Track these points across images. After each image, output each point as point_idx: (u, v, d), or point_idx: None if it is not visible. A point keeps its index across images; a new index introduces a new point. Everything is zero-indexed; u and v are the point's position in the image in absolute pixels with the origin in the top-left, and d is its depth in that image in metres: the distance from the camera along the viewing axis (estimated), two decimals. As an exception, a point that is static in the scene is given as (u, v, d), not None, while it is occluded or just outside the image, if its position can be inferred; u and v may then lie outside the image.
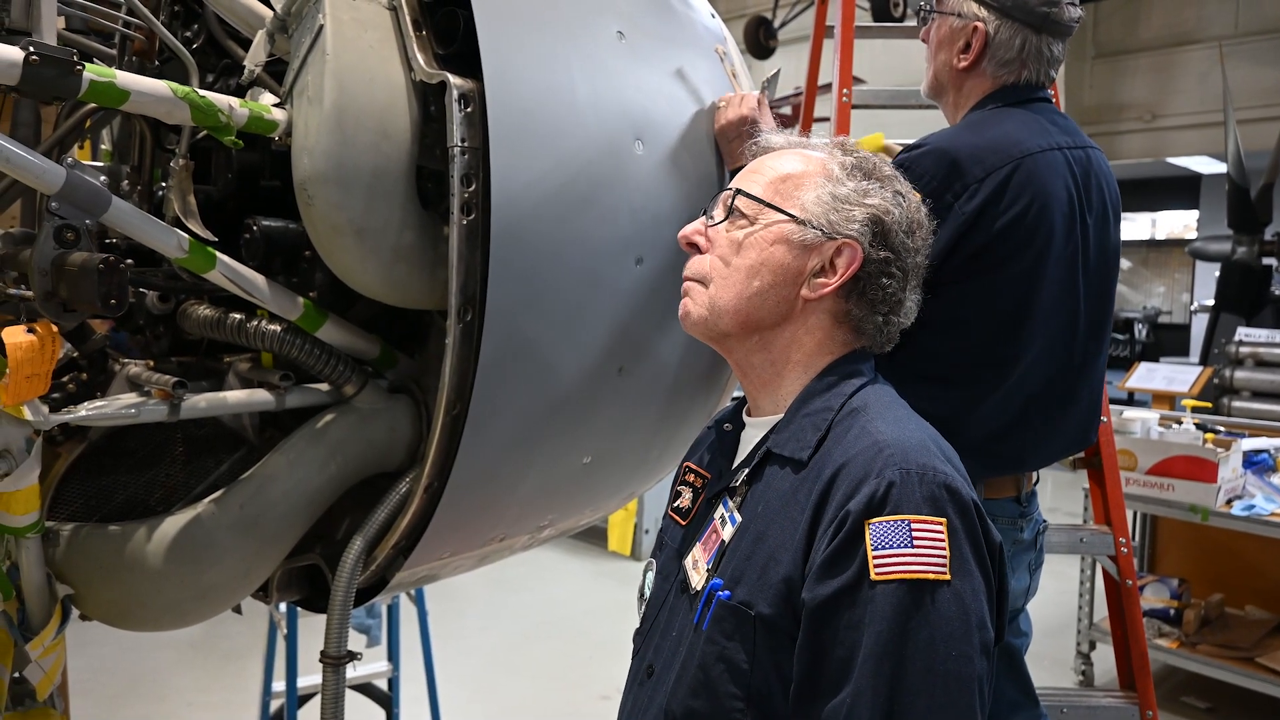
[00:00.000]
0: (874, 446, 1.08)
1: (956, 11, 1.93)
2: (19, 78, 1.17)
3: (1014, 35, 1.88)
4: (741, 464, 1.24)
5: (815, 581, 1.03)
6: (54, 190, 1.26)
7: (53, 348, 1.31)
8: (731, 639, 1.08)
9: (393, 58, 1.49)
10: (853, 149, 1.29)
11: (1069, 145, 1.90)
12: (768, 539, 1.11)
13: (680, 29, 1.88)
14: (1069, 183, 1.86)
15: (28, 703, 1.56)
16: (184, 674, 4.59)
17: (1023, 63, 1.91)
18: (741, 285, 1.21)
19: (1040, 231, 1.79)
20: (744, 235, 1.22)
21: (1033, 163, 1.80)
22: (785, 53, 12.45)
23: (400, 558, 1.62)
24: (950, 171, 1.76)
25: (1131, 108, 13.29)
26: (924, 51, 2.05)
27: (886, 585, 0.99)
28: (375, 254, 1.49)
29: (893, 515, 1.02)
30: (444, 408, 1.48)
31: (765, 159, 1.30)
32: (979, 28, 1.90)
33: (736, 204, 1.24)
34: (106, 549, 1.52)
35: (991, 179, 1.76)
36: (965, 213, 1.75)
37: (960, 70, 1.95)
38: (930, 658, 0.98)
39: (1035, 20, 1.88)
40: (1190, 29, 12.94)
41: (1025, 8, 1.87)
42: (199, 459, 1.78)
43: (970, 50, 1.92)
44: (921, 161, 1.78)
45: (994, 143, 1.81)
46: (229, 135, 1.41)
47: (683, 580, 1.22)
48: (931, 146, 1.81)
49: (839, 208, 1.20)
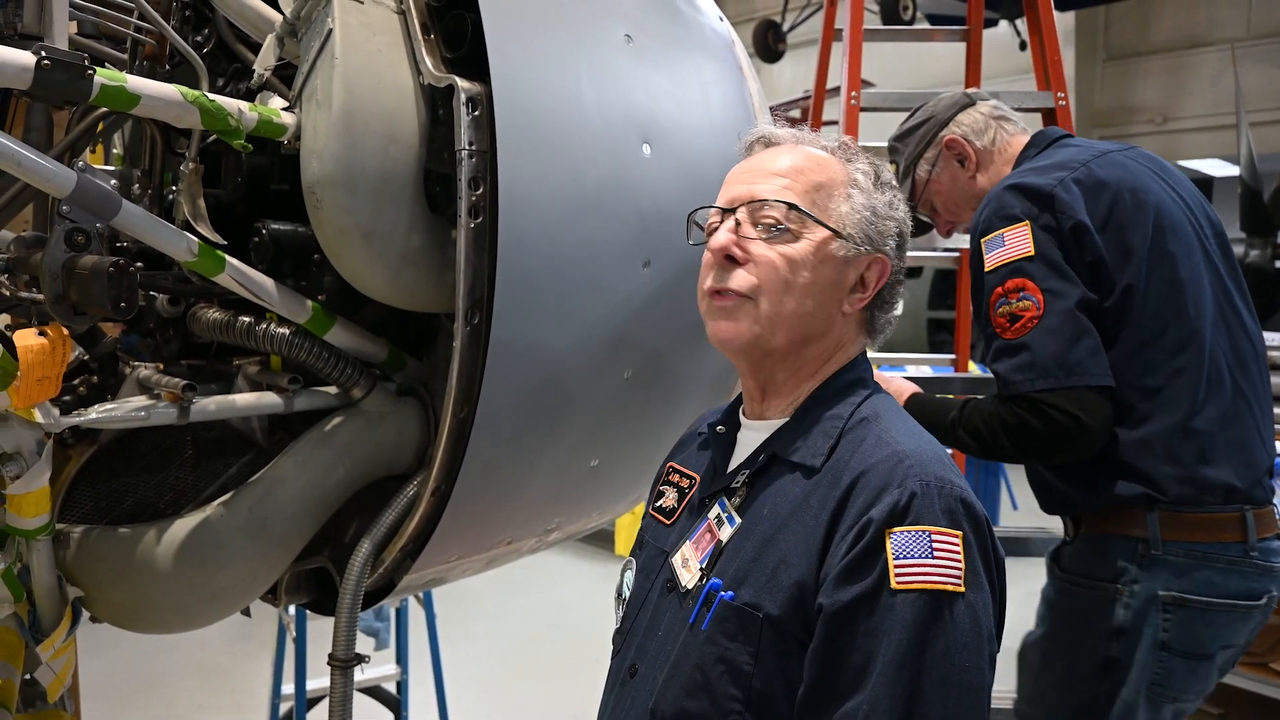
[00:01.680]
0: (894, 456, 1.08)
1: (930, 165, 2.12)
2: (31, 82, 1.18)
3: (967, 115, 2.10)
4: (741, 466, 1.23)
5: (834, 587, 1.03)
6: (65, 194, 1.26)
7: (63, 351, 1.32)
8: (734, 640, 1.08)
9: (401, 61, 1.50)
10: (854, 151, 1.27)
11: (1119, 149, 1.97)
12: (778, 542, 1.10)
13: (688, 32, 1.88)
14: (1142, 170, 1.90)
15: (39, 705, 1.57)
16: (193, 676, 4.61)
17: (998, 121, 2.09)
18: (798, 304, 1.17)
19: (1143, 211, 1.82)
20: (793, 250, 1.17)
21: (1097, 163, 1.87)
22: (794, 56, 12.44)
23: (408, 560, 1.62)
24: (1030, 197, 1.82)
25: (1143, 110, 13.22)
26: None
27: (907, 594, 1.00)
28: (383, 257, 1.49)
29: (913, 526, 1.02)
30: (451, 410, 1.48)
31: (778, 157, 1.23)
32: (951, 139, 2.09)
33: (779, 216, 1.18)
34: (116, 551, 1.52)
35: (1064, 186, 1.82)
36: (1061, 230, 1.79)
37: (975, 179, 2.08)
38: (946, 668, 0.99)
39: (962, 102, 2.13)
40: (1202, 31, 12.87)
41: (947, 104, 2.12)
42: (208, 462, 1.79)
43: (966, 158, 2.09)
44: (1000, 203, 1.86)
45: (1053, 164, 1.90)
46: (238, 139, 1.41)
47: (669, 579, 1.21)
48: (998, 191, 1.89)
49: (877, 223, 1.20)
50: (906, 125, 2.17)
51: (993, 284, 1.84)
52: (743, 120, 1.90)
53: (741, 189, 1.22)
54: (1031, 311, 1.78)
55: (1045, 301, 1.77)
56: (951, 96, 2.15)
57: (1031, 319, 1.77)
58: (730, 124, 1.82)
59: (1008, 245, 1.83)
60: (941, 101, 2.15)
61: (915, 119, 2.16)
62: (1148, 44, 13.22)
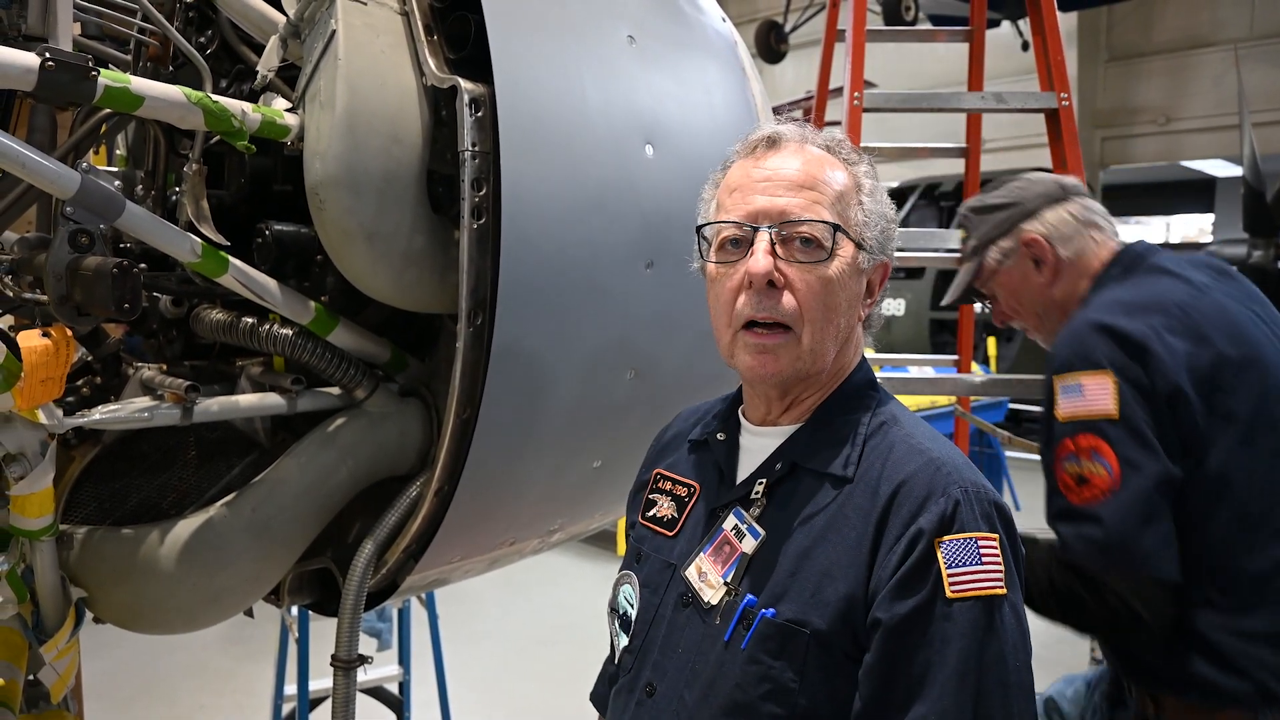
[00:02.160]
0: (931, 464, 1.08)
1: (1002, 257, 1.90)
2: (35, 83, 1.18)
3: (1057, 213, 1.86)
4: (756, 475, 1.18)
5: (890, 600, 1.02)
6: (69, 195, 1.26)
7: (67, 352, 1.32)
8: (778, 658, 1.05)
9: (404, 62, 1.50)
10: (853, 149, 1.21)
11: (1214, 280, 1.77)
12: (817, 555, 1.08)
13: (691, 33, 1.88)
14: (1244, 314, 1.71)
15: (42, 705, 1.57)
16: (196, 677, 4.61)
17: (1087, 226, 1.86)
18: (834, 325, 1.12)
19: (1251, 372, 1.63)
20: (829, 271, 1.11)
21: (1196, 307, 1.67)
22: (796, 57, 12.44)
23: (411, 561, 1.62)
24: (1121, 345, 1.62)
25: (1146, 111, 13.21)
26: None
27: (963, 603, 1.01)
28: (386, 258, 1.49)
29: (960, 534, 1.03)
30: (454, 411, 1.48)
31: (795, 164, 1.14)
32: (1029, 238, 1.87)
33: (815, 235, 1.10)
34: (120, 552, 1.53)
35: (1160, 338, 1.62)
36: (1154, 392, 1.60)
37: (1049, 287, 1.87)
38: (1003, 671, 1.01)
39: (1054, 194, 1.88)
40: (1205, 32, 12.86)
41: (1039, 195, 1.88)
42: (211, 462, 1.79)
43: (1043, 261, 1.87)
44: (1085, 343, 1.66)
45: (1146, 302, 1.68)
46: (242, 140, 1.42)
47: (684, 594, 1.17)
48: (1080, 325, 1.69)
49: (886, 228, 1.17)
50: (988, 202, 1.94)
51: (1063, 434, 1.65)
52: (745, 121, 1.90)
53: (765, 202, 1.11)
54: (1104, 481, 1.59)
55: (1121, 473, 1.58)
56: (1044, 185, 1.90)
57: (1103, 490, 1.59)
58: (733, 125, 1.82)
59: (1086, 397, 1.63)
60: (1032, 187, 1.90)
61: (1000, 197, 1.93)
62: (1150, 44, 13.21)
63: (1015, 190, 1.92)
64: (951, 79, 11.82)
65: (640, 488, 1.36)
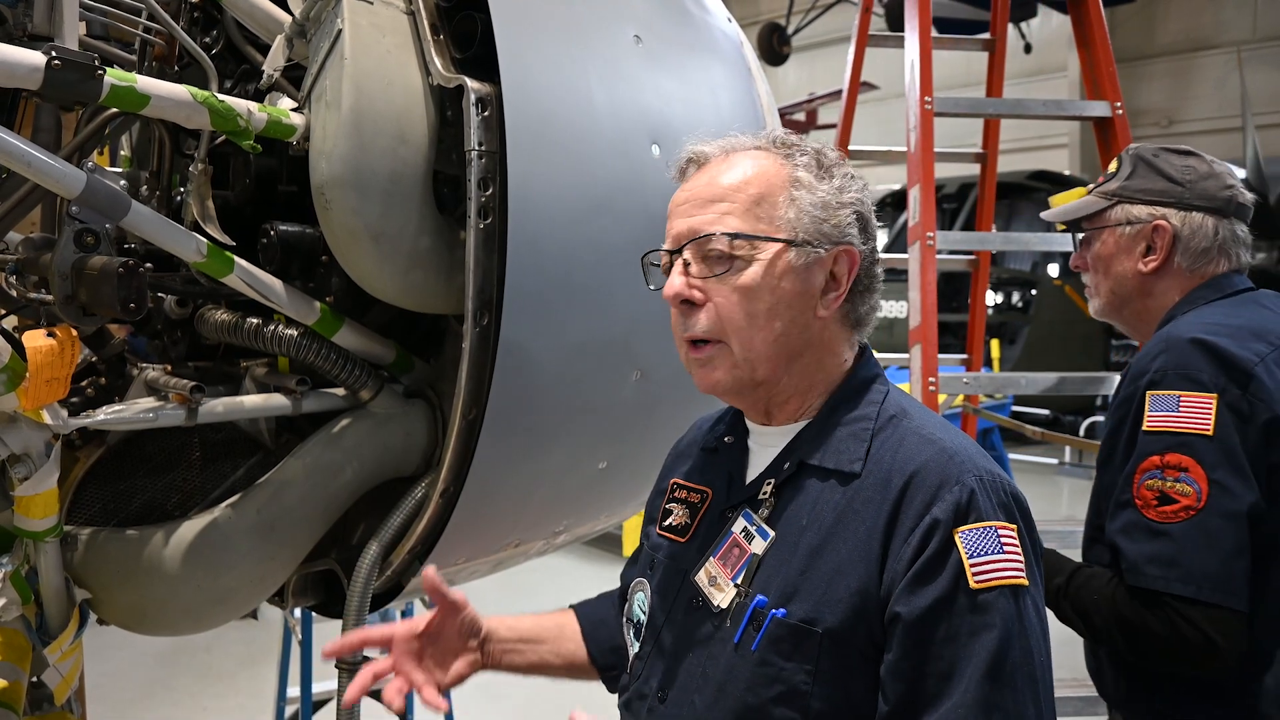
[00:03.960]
0: (943, 454, 1.06)
1: (1126, 220, 1.77)
2: (42, 82, 1.18)
3: (1203, 223, 1.74)
4: (763, 475, 1.17)
5: (908, 593, 1.00)
6: (74, 195, 1.26)
7: (72, 352, 1.32)
8: (790, 659, 1.04)
9: (410, 62, 1.50)
10: (788, 141, 1.18)
11: None
12: (827, 552, 1.06)
13: (697, 33, 1.88)
14: None
15: (45, 707, 1.56)
16: (199, 679, 4.60)
17: (1221, 249, 1.74)
18: (765, 330, 1.11)
19: None
20: (746, 279, 1.10)
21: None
22: (798, 59, 12.46)
23: (416, 563, 1.62)
24: (1220, 362, 1.55)
25: (1148, 113, 13.22)
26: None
27: (989, 593, 0.98)
28: (392, 258, 1.49)
29: (979, 523, 1.01)
30: (460, 412, 1.48)
31: (714, 178, 1.15)
32: (1162, 225, 1.74)
33: (725, 249, 1.11)
34: (124, 553, 1.52)
35: (1266, 367, 1.55)
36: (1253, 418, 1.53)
37: (1148, 274, 1.76)
38: (1030, 664, 0.99)
39: (1219, 205, 1.74)
40: (1207, 34, 12.87)
41: (1208, 195, 1.74)
42: (216, 463, 1.79)
43: (1156, 250, 1.75)
44: (1185, 357, 1.58)
45: (1242, 328, 1.61)
46: (247, 140, 1.41)
47: (694, 599, 1.15)
48: (1179, 339, 1.61)
49: (827, 216, 1.12)
50: (1162, 165, 1.79)
51: (1149, 449, 1.56)
52: (751, 121, 1.90)
53: (683, 224, 1.14)
54: (1189, 500, 1.51)
55: (1210, 495, 1.50)
56: (1220, 189, 1.75)
57: (1187, 509, 1.51)
58: (739, 125, 1.81)
59: (1182, 412, 1.55)
60: (1208, 184, 1.75)
61: (1176, 168, 1.78)
62: (1153, 47, 13.23)
63: (1196, 172, 1.77)
64: (957, 81, 11.83)
65: (658, 495, 1.35)
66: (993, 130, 4.01)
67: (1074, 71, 12.60)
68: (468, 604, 1.32)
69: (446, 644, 1.32)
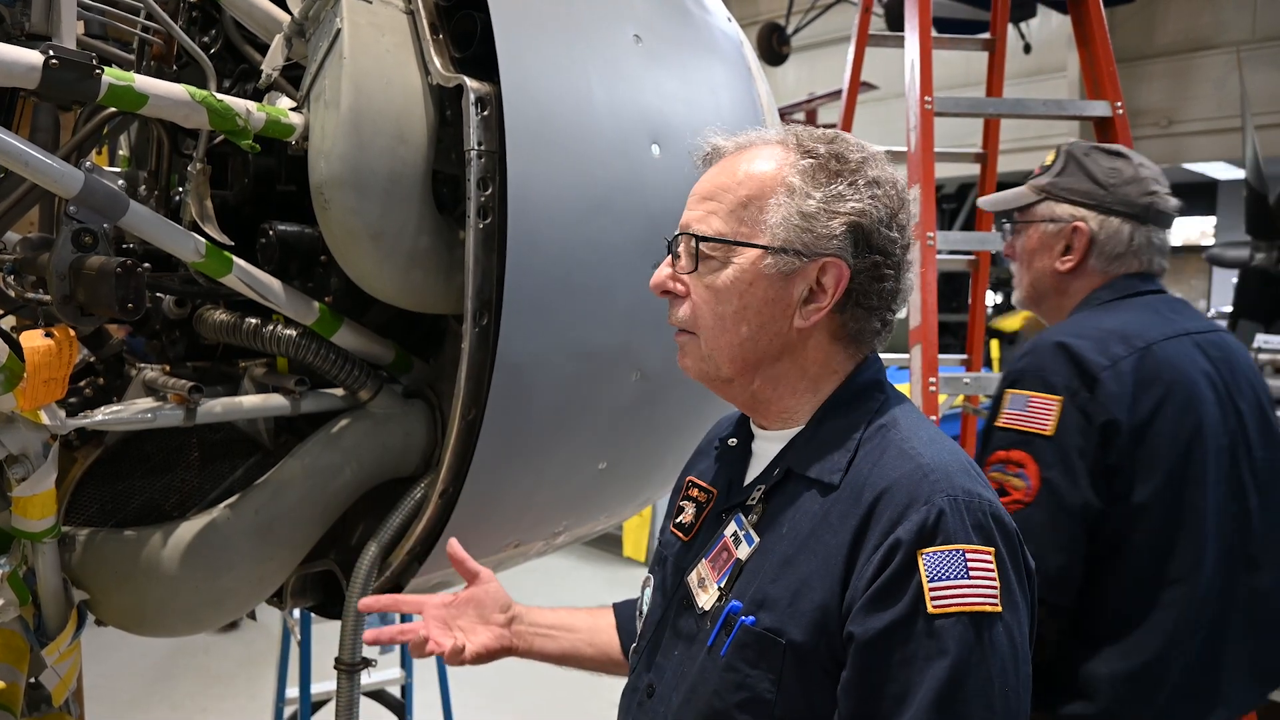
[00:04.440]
0: (917, 471, 1.02)
1: (1049, 217, 1.84)
2: (39, 81, 1.17)
3: (1119, 228, 1.80)
4: (756, 480, 1.17)
5: (865, 614, 0.98)
6: (72, 194, 1.26)
7: (70, 352, 1.31)
8: (755, 667, 1.03)
9: (409, 61, 1.49)
10: (811, 140, 1.13)
11: (1198, 330, 1.76)
12: (798, 563, 1.05)
13: (697, 33, 1.87)
14: (1207, 369, 1.71)
15: (43, 708, 1.56)
16: (198, 680, 4.60)
17: (1134, 254, 1.80)
18: (731, 333, 1.11)
19: (1186, 425, 1.64)
20: (719, 280, 1.11)
21: (1160, 350, 1.67)
22: (798, 59, 12.45)
23: (415, 564, 1.62)
24: (1074, 366, 1.64)
25: (1148, 113, 13.22)
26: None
27: (946, 619, 0.95)
28: (391, 258, 1.48)
29: (945, 545, 0.97)
30: (459, 413, 1.47)
31: (716, 174, 1.16)
32: (1080, 227, 1.81)
33: (701, 248, 1.12)
34: (122, 554, 1.52)
35: (1117, 369, 1.63)
36: (1092, 421, 1.61)
37: (1063, 273, 1.84)
38: (989, 695, 0.95)
39: (1137, 211, 1.79)
40: (1207, 34, 12.87)
41: (1127, 201, 1.79)
42: (214, 464, 1.78)
43: (1073, 251, 1.82)
44: (1044, 361, 1.67)
45: (1112, 332, 1.69)
46: (246, 139, 1.41)
47: (685, 597, 1.17)
48: (1047, 342, 1.70)
49: (811, 225, 1.08)
50: (1091, 167, 1.84)
51: (998, 443, 1.69)
52: (752, 121, 1.90)
53: (684, 216, 1.17)
54: (1019, 495, 1.62)
55: (1039, 492, 1.60)
56: (1139, 194, 1.80)
57: (1017, 502, 1.61)
58: (740, 124, 1.80)
59: (1029, 412, 1.65)
60: (1129, 189, 1.81)
61: (1104, 171, 1.82)
62: (1152, 47, 13.22)
63: (1121, 176, 1.83)
64: (957, 81, 11.82)
65: (676, 491, 1.36)
66: (993, 130, 4.00)
67: (1074, 71, 12.60)
68: (493, 578, 1.37)
69: (475, 615, 1.35)
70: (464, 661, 1.27)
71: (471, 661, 1.29)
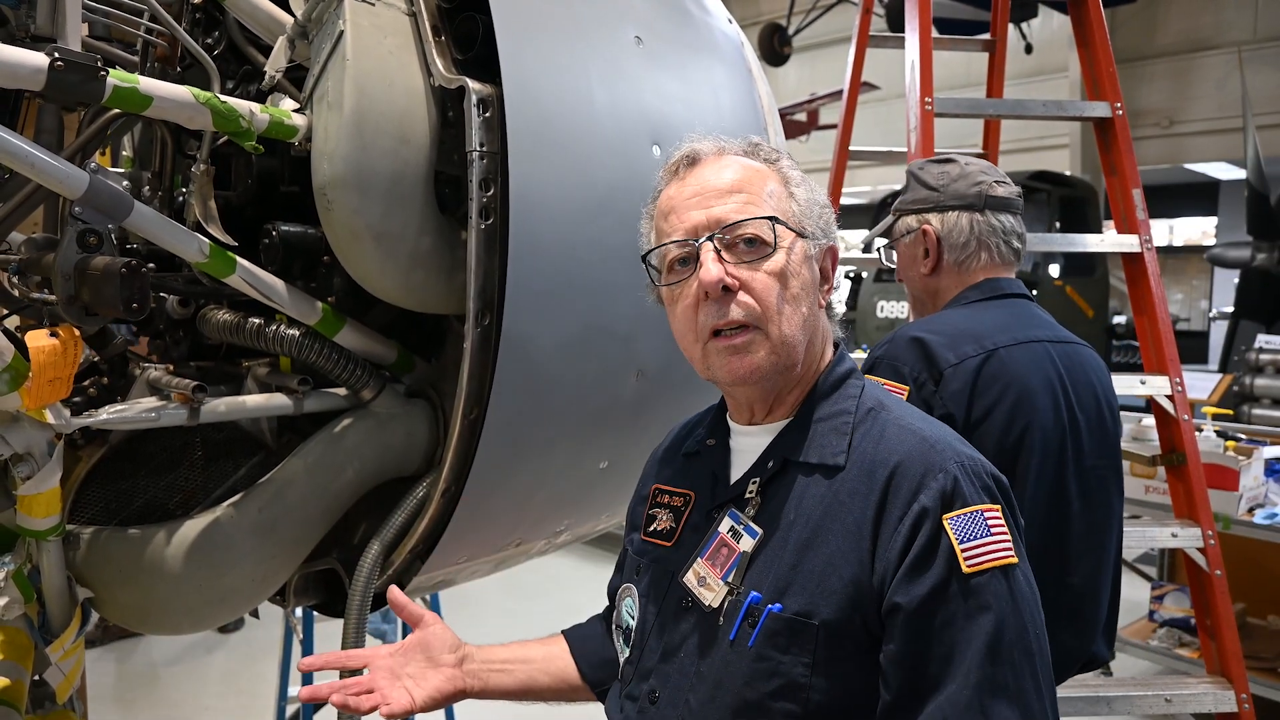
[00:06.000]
0: (924, 443, 1.08)
1: (906, 230, 1.97)
2: (45, 83, 1.18)
3: (958, 220, 1.91)
4: (749, 475, 1.18)
5: (907, 583, 1.02)
6: (77, 195, 1.27)
7: (74, 352, 1.32)
8: (787, 653, 1.05)
9: (412, 63, 1.50)
10: (772, 149, 1.22)
11: (1051, 339, 1.85)
12: (818, 545, 1.08)
13: (698, 34, 1.88)
14: (1051, 376, 1.79)
15: (47, 705, 1.57)
16: (200, 678, 4.61)
17: (980, 241, 1.90)
18: (797, 315, 1.13)
19: (1015, 427, 1.72)
20: (776, 265, 1.12)
21: (1007, 354, 1.75)
22: (799, 59, 12.46)
23: (417, 562, 1.62)
24: (924, 359, 1.73)
25: (1149, 114, 13.21)
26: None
27: (980, 576, 1.01)
28: (393, 259, 1.49)
29: (965, 508, 1.03)
30: (461, 412, 1.48)
31: (719, 173, 1.17)
32: (927, 229, 1.93)
33: (761, 233, 1.12)
34: (126, 552, 1.53)
35: (963, 367, 1.72)
36: (935, 410, 1.68)
37: (927, 276, 1.95)
38: (1025, 639, 1.01)
39: (970, 202, 1.91)
40: (1208, 35, 12.87)
41: (959, 195, 1.91)
42: (217, 463, 1.79)
43: (929, 254, 1.93)
44: (899, 351, 1.76)
45: (967, 332, 1.77)
46: (249, 140, 1.42)
47: (683, 599, 1.17)
48: (905, 334, 1.79)
49: (822, 213, 1.19)
50: (924, 176, 1.97)
51: None
52: (752, 122, 1.90)
53: (700, 216, 1.14)
54: None
55: None
56: (972, 187, 1.91)
57: None
58: (740, 126, 1.82)
59: None
60: (959, 185, 1.92)
61: (934, 176, 1.95)
62: (1153, 47, 13.22)
63: (949, 176, 1.95)
64: (957, 81, 11.83)
65: (640, 502, 1.35)
66: (993, 131, 4.01)
67: (1074, 72, 12.60)
68: (439, 620, 1.35)
69: (424, 660, 1.31)
70: (412, 712, 1.23)
71: (423, 708, 1.25)
